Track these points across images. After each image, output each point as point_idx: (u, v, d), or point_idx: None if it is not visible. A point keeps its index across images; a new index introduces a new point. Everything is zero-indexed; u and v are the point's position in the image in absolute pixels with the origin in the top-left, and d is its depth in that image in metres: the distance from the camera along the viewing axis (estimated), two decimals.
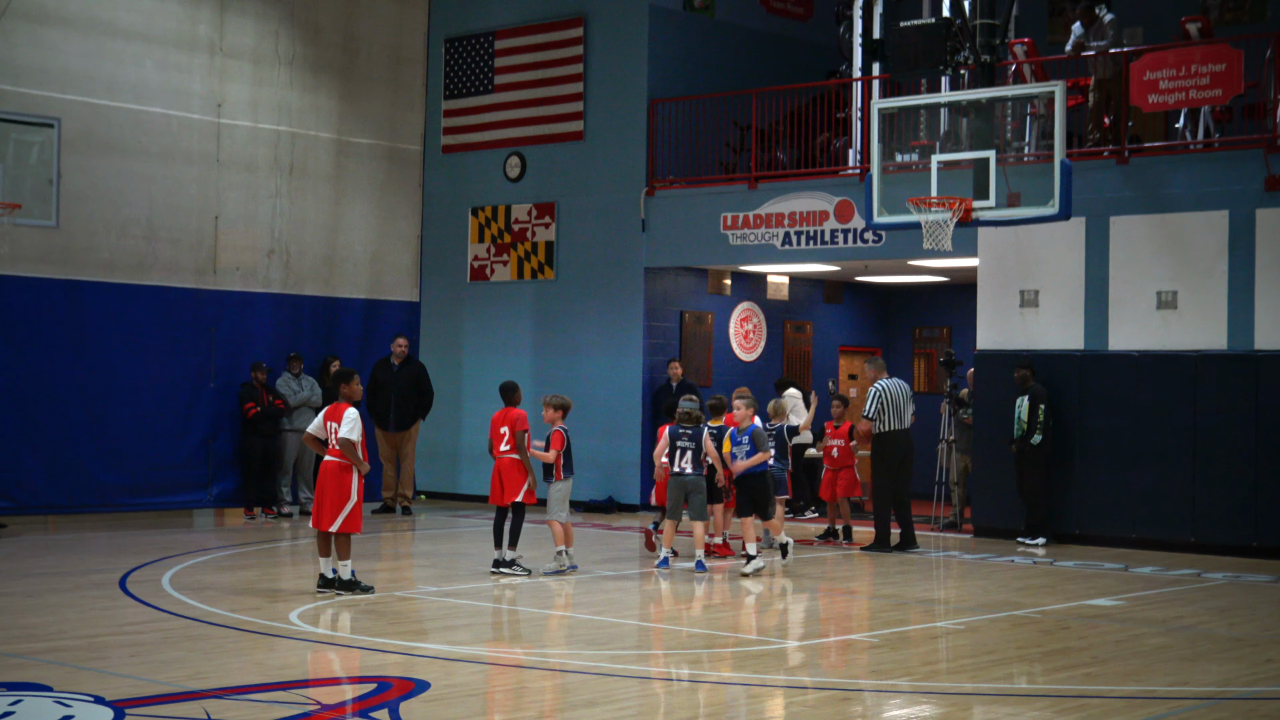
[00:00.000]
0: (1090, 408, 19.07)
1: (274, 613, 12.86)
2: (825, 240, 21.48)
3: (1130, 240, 18.93)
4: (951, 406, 20.69)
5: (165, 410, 21.55)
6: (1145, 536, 18.59)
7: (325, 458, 13.79)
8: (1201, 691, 10.39)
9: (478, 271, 24.77)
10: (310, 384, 21.79)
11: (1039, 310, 19.61)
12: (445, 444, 24.41)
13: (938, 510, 20.77)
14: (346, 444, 13.58)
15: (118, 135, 21.10)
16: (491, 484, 15.71)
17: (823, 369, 25.54)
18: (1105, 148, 19.50)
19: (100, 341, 20.94)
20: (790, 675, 11.03)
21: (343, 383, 14.08)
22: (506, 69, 24.54)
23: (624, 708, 9.51)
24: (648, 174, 23.05)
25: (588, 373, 23.17)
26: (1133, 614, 13.71)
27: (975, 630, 12.83)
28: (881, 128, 17.60)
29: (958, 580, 16.35)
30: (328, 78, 23.48)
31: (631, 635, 12.71)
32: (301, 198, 23.09)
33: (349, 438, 13.58)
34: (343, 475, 13.65)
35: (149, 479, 21.35)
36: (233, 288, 22.29)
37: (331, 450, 13.70)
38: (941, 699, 10.01)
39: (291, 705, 9.20)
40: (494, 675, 10.81)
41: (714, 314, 24.00)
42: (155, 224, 21.48)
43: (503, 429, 15.59)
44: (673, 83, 23.35)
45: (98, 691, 9.42)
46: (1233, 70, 18.12)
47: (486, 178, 24.75)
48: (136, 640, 11.53)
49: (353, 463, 13.62)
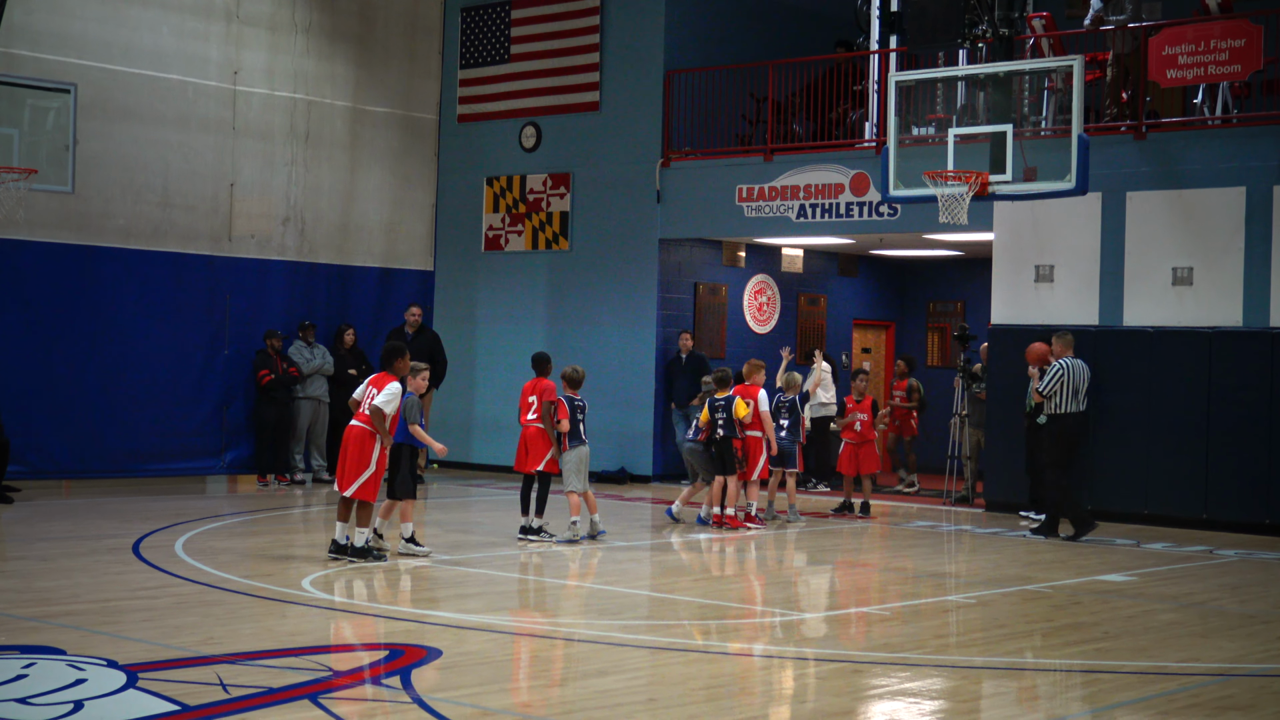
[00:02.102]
0: (1104, 384, 19.02)
1: (287, 579, 12.89)
2: (840, 213, 21.44)
3: (1146, 216, 18.87)
4: (965, 381, 20.67)
5: (179, 377, 21.61)
6: (1157, 513, 18.57)
7: (352, 422, 13.83)
8: (1212, 668, 10.40)
9: (492, 241, 24.76)
10: (323, 352, 21.82)
11: (1054, 285, 19.57)
12: (459, 413, 24.43)
13: (949, 485, 20.77)
14: (376, 411, 13.60)
15: (134, 101, 21.12)
16: (517, 452, 15.98)
17: (836, 342, 25.52)
18: (1123, 123, 19.43)
19: (115, 308, 21.00)
20: (801, 647, 11.04)
21: (398, 358, 14.21)
22: (523, 39, 24.50)
23: (635, 677, 9.54)
24: (663, 145, 23.01)
25: (601, 344, 23.17)
26: (1144, 590, 13.71)
27: (986, 604, 12.84)
28: (898, 101, 17.56)
29: (969, 554, 16.35)
30: (344, 46, 23.47)
31: (643, 605, 12.73)
32: (317, 166, 23.11)
33: (380, 407, 13.60)
34: (366, 442, 13.68)
35: (163, 445, 21.43)
36: (248, 255, 22.33)
37: (360, 415, 13.74)
38: (953, 672, 10.02)
39: (303, 671, 9.23)
40: (505, 644, 10.84)
41: (728, 286, 23.97)
42: (171, 191, 21.51)
43: (531, 398, 15.76)
44: (689, 54, 23.30)
45: (111, 655, 9.46)
46: (1252, 46, 18.03)
47: (502, 147, 24.72)
48: (149, 605, 11.57)
49: (378, 432, 13.65)
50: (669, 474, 22.84)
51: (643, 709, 8.67)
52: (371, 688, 8.94)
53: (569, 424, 15.75)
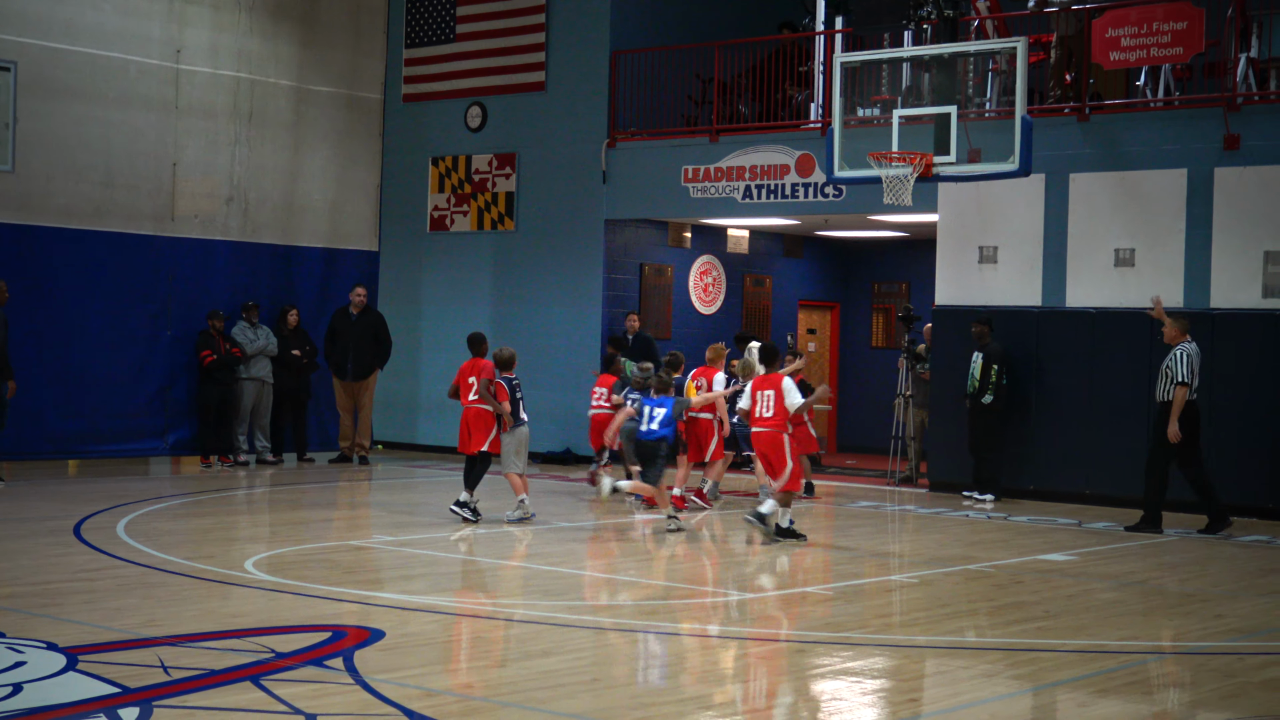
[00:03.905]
0: (1047, 364, 19.15)
1: (229, 561, 12.83)
2: (786, 194, 21.48)
3: (1089, 197, 18.98)
4: (909, 362, 20.76)
5: (122, 358, 21.45)
6: (1099, 492, 18.71)
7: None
8: (1152, 646, 10.49)
9: (437, 222, 24.67)
10: (266, 333, 21.71)
11: (998, 266, 19.66)
12: (403, 394, 24.37)
13: (894, 465, 20.86)
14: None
15: (75, 80, 20.92)
16: (460, 433, 16.03)
17: (782, 323, 25.56)
18: (1066, 104, 19.53)
19: (56, 288, 20.81)
20: (744, 627, 11.07)
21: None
22: (468, 18, 24.40)
23: (579, 658, 9.54)
24: (609, 126, 22.98)
25: (547, 324, 23.14)
26: (1086, 569, 13.81)
27: (929, 584, 12.90)
28: (843, 82, 17.60)
29: (912, 534, 16.43)
30: (288, 25, 23.32)
31: (588, 586, 12.74)
32: (261, 146, 22.97)
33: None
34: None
35: (105, 426, 21.28)
36: (191, 235, 22.18)
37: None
38: (895, 651, 10.07)
39: (246, 653, 9.19)
40: (449, 625, 10.83)
41: (674, 267, 23.98)
42: (113, 170, 21.33)
43: (471, 379, 15.78)
44: (635, 34, 23.26)
45: (50, 638, 9.39)
46: (1194, 28, 18.14)
47: (447, 128, 24.63)
48: (90, 587, 11.50)
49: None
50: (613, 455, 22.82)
51: (586, 689, 8.68)
52: (314, 669, 8.91)
53: (509, 405, 15.79)
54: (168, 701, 8.00)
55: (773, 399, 14.84)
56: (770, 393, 14.87)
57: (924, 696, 9.03)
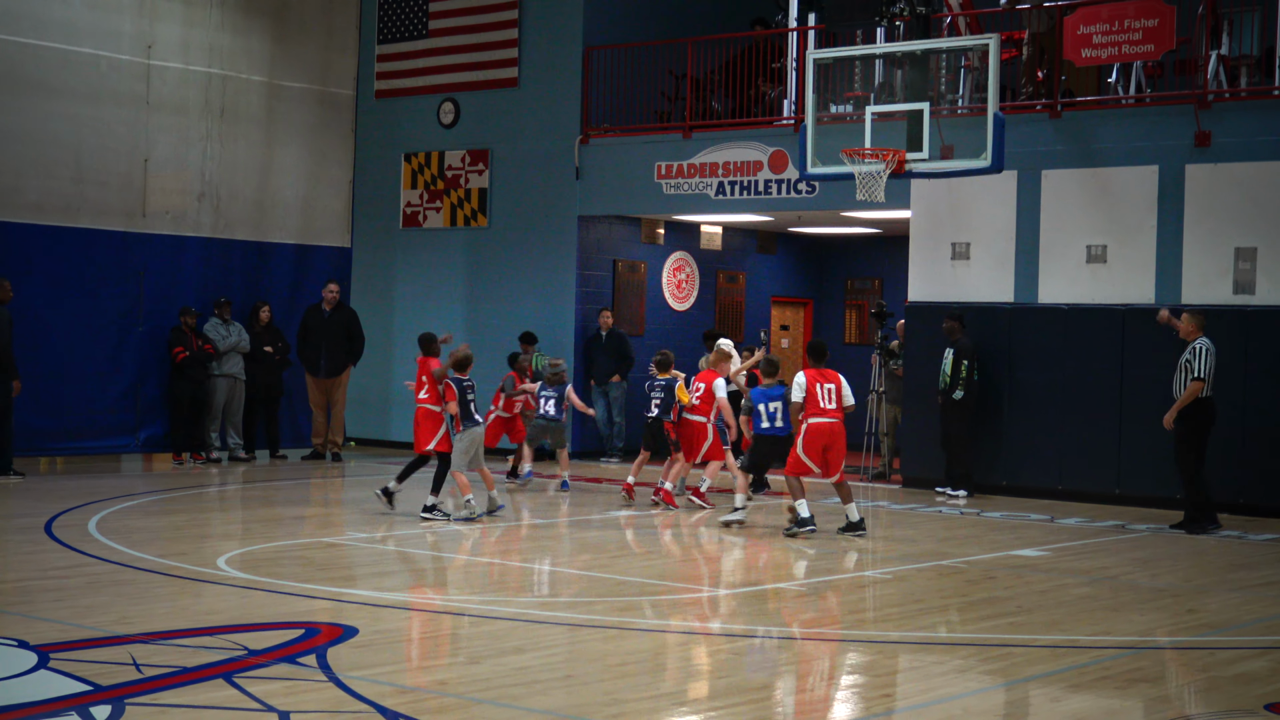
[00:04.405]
0: (1019, 360, 19.20)
1: (202, 558, 12.80)
2: (759, 190, 21.49)
3: (1061, 194, 19.03)
4: (882, 358, 20.78)
5: (93, 354, 21.31)
6: (1072, 488, 18.76)
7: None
8: (1124, 641, 10.52)
9: (410, 218, 24.63)
10: (239, 329, 21.64)
11: (970, 263, 19.71)
12: (376, 390, 24.31)
13: (867, 461, 20.89)
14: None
15: (45, 75, 20.78)
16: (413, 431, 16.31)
17: (755, 320, 25.59)
18: (1038, 101, 19.58)
19: (26, 284, 20.65)
20: (718, 623, 11.08)
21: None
22: (441, 14, 24.36)
23: (553, 654, 9.54)
24: (582, 122, 22.97)
25: (520, 321, 23.09)
26: (1058, 564, 13.85)
27: (902, 579, 12.92)
28: (816, 78, 17.62)
29: (885, 530, 16.44)
30: (260, 20, 23.23)
31: (561, 582, 12.73)
32: (232, 141, 22.86)
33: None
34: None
35: (76, 423, 21.15)
36: (162, 231, 22.06)
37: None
38: (868, 647, 10.08)
39: (218, 650, 9.17)
40: (422, 621, 10.81)
41: (647, 263, 23.98)
42: (83, 166, 21.21)
43: (423, 377, 15.89)
44: (608, 30, 23.25)
45: (22, 636, 9.35)
46: (1165, 26, 18.21)
47: (420, 124, 24.59)
48: (61, 585, 11.45)
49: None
50: (587, 451, 22.86)
51: (559, 685, 8.68)
52: (287, 666, 8.89)
53: (457, 406, 15.81)
54: (140, 699, 7.98)
55: (834, 391, 15.39)
56: (831, 386, 15.38)
57: (897, 692, 9.05)
